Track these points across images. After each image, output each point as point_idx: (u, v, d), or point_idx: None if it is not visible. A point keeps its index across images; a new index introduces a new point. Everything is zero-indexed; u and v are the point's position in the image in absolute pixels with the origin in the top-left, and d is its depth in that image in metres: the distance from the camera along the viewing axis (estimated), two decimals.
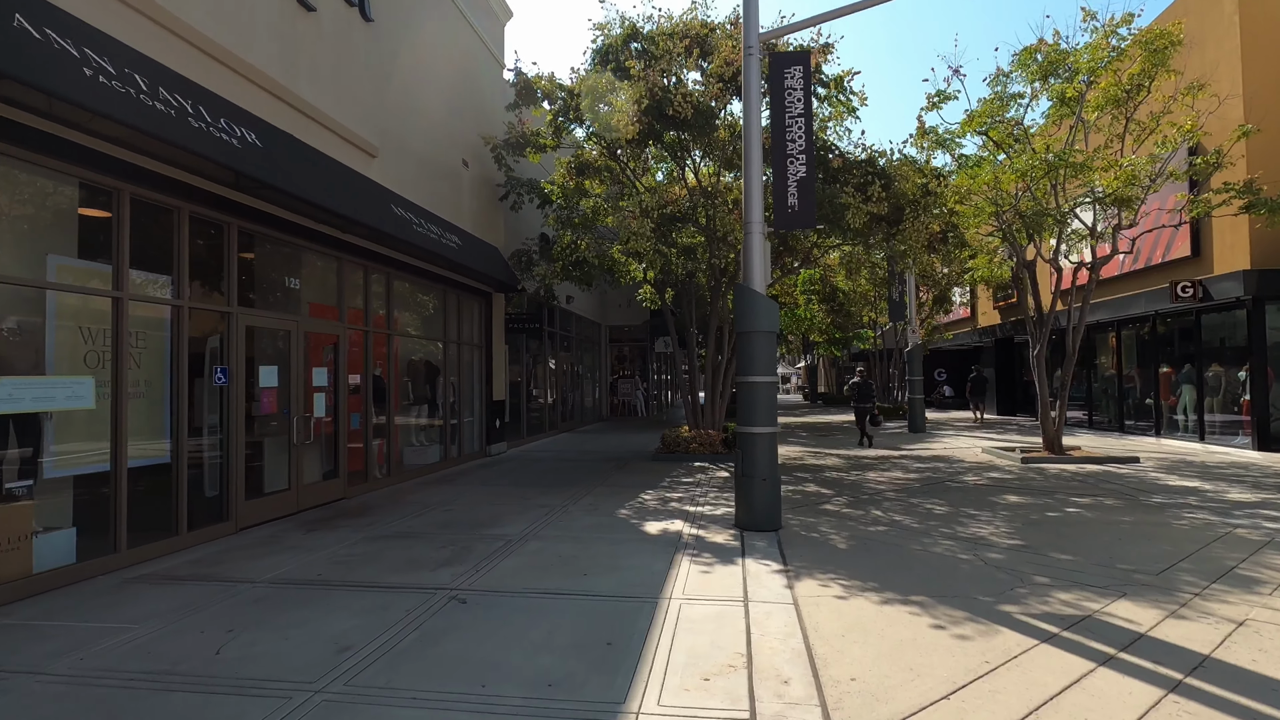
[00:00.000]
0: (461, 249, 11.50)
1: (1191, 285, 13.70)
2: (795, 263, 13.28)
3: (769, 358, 6.94)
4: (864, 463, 12.27)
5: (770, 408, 6.91)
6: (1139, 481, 9.61)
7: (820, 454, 13.79)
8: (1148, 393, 16.42)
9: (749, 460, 6.86)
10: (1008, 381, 24.88)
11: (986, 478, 10.23)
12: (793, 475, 10.72)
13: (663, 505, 8.17)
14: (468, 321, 13.49)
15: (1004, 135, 11.86)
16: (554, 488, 9.56)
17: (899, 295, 18.86)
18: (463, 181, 12.62)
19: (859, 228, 9.26)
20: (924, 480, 10.07)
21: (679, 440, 12.77)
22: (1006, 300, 23.13)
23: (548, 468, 11.83)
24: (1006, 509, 7.80)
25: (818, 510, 7.88)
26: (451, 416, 12.64)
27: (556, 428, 19.14)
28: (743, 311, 6.96)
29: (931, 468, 11.44)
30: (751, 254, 7.03)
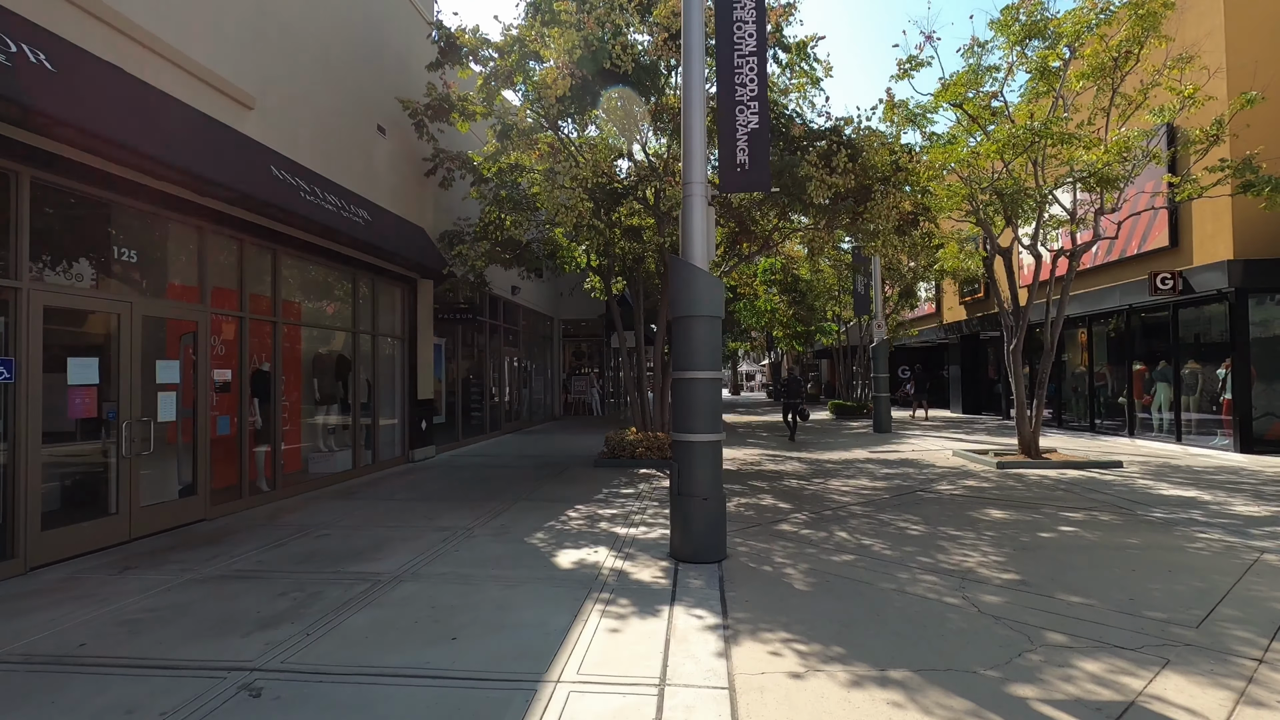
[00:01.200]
0: (372, 227, 9.99)
1: (1171, 277, 12.88)
2: (754, 248, 12.05)
3: (711, 348, 5.65)
4: (827, 468, 11.11)
5: (713, 410, 5.63)
6: (1129, 490, 8.60)
7: (780, 458, 12.62)
8: (1120, 391, 15.67)
9: (686, 475, 5.56)
10: (973, 380, 24.17)
11: (962, 486, 9.14)
12: (747, 485, 9.49)
13: (590, 526, 6.83)
14: (387, 311, 11.95)
15: (980, 109, 10.80)
16: (469, 502, 8.15)
17: (864, 288, 17.85)
18: (378, 151, 11.08)
19: (822, 202, 8.08)
20: (894, 490, 8.93)
21: (624, 444, 11.46)
22: (973, 296, 22.36)
23: (474, 476, 10.40)
24: (991, 527, 6.65)
25: (772, 531, 6.63)
26: (365, 418, 11.11)
27: (500, 429, 17.67)
28: (680, 291, 5.66)
29: (901, 474, 10.33)
30: (691, 221, 5.73)
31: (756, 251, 12.09)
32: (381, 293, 11.63)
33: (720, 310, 5.74)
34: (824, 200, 8.09)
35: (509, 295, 18.16)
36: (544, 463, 11.94)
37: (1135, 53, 9.37)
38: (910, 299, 22.95)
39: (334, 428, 10.82)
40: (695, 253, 5.70)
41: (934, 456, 12.46)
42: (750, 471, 10.82)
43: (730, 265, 12.25)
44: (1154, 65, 9.97)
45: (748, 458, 12.70)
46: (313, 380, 10.60)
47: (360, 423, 10.91)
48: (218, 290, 7.74)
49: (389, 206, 11.20)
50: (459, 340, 15.62)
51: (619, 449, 11.47)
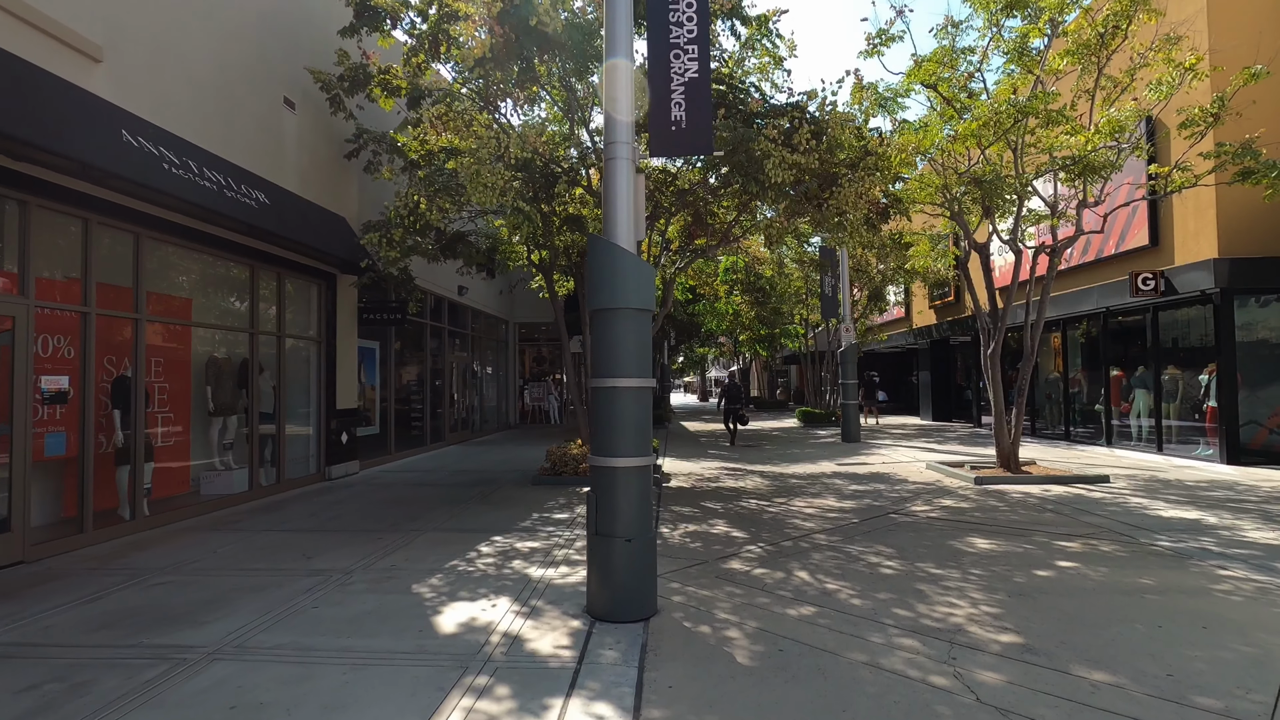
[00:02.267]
0: (272, 211, 8.67)
1: (1153, 277, 12.14)
2: (712, 242, 10.98)
3: (639, 349, 4.50)
4: (791, 484, 10.05)
5: (640, 427, 4.48)
6: (1123, 511, 7.67)
7: (741, 472, 11.53)
8: (1096, 398, 14.95)
9: (606, 509, 4.40)
10: (943, 386, 23.47)
11: (940, 507, 8.13)
12: (700, 507, 8.36)
13: (500, 566, 5.63)
14: (299, 309, 10.60)
15: (955, 92, 9.88)
16: (368, 534, 6.88)
17: (832, 289, 16.95)
18: (285, 128, 9.76)
19: (782, 182, 7.03)
20: (864, 512, 7.88)
21: (567, 459, 10.26)
22: (943, 300, 21.66)
23: (391, 498, 9.10)
24: (978, 562, 5.61)
25: (719, 571, 5.49)
26: (269, 431, 9.75)
27: (444, 439, 16.31)
28: (599, 278, 4.51)
29: (871, 491, 9.30)
30: (615, 190, 4.58)
31: (715, 246, 11.02)
32: (291, 289, 10.27)
33: (651, 302, 4.60)
34: (784, 180, 7.03)
35: (455, 296, 16.86)
36: (478, 479, 10.68)
37: (1124, 28, 8.52)
38: (879, 302, 22.17)
39: (231, 443, 9.44)
40: (619, 230, 4.55)
41: (906, 470, 11.48)
42: (705, 490, 9.70)
43: (685, 261, 11.17)
44: (1142, 43, 9.15)
45: (706, 472, 11.58)
46: (205, 388, 9.23)
47: (261, 437, 9.54)
48: (46, 281, 6.37)
49: (298, 191, 9.88)
50: (397, 343, 14.28)
51: (560, 465, 10.26)
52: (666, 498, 8.98)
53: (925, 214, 11.64)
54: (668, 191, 9.30)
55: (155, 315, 7.70)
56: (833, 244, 11.60)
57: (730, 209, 10.17)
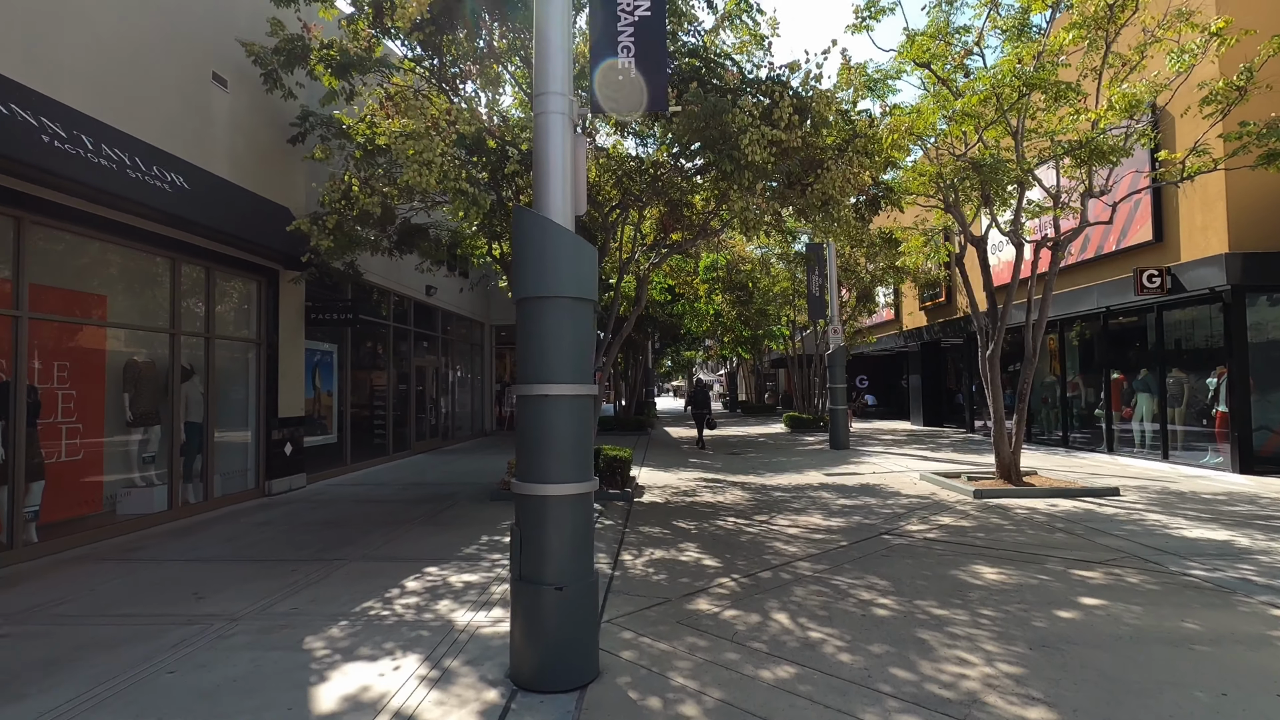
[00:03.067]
0: (189, 197, 7.74)
1: (1159, 274, 11.42)
2: (688, 236, 10.14)
3: (577, 348, 3.63)
4: (774, 498, 9.20)
5: (579, 444, 3.60)
6: (1142, 530, 6.87)
7: (721, 484, 10.67)
8: (1096, 402, 14.23)
9: (534, 549, 3.52)
10: (934, 390, 22.75)
11: (938, 526, 7.30)
12: (671, 526, 7.48)
13: (423, 608, 4.73)
14: (234, 307, 9.66)
15: (950, 72, 9.09)
16: (283, 564, 5.95)
17: (819, 289, 16.17)
18: (215, 106, 8.82)
19: (762, 163, 6.19)
20: (853, 532, 7.04)
21: None
22: (934, 301, 20.95)
23: (327, 518, 8.16)
24: (987, 600, 4.77)
25: (683, 614, 4.62)
26: (197, 441, 8.79)
27: (409, 448, 15.35)
28: (527, 259, 3.63)
29: (861, 506, 8.47)
30: (547, 152, 3.71)
31: (691, 240, 10.18)
32: (223, 285, 9.33)
33: (592, 290, 3.74)
34: (763, 160, 6.18)
35: (423, 296, 15.94)
36: (433, 494, 9.75)
37: None
38: (868, 303, 21.43)
39: (154, 456, 8.48)
40: (552, 200, 3.68)
41: (898, 481, 10.66)
42: (680, 505, 8.82)
43: (660, 256, 10.31)
44: (1153, 17, 8.40)
45: (683, 484, 10.71)
46: (123, 395, 8.28)
47: (188, 449, 8.58)
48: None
49: (229, 176, 8.94)
50: (358, 347, 13.34)
51: None
52: (636, 516, 8.10)
53: (919, 205, 10.86)
54: (638, 178, 8.44)
55: (47, 313, 6.74)
56: (819, 238, 10.76)
57: (708, 198, 9.32)
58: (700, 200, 9.91)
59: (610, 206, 8.75)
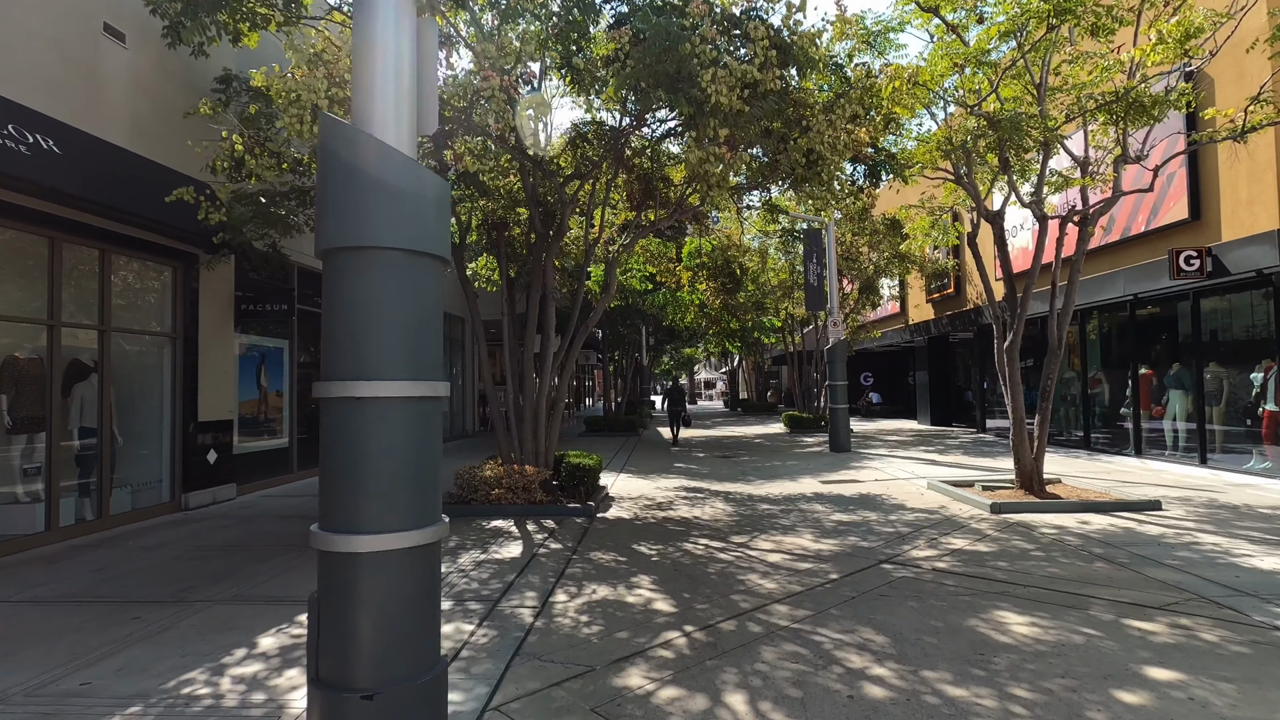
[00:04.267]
0: (63, 164, 6.56)
1: (1198, 255, 10.12)
2: (662, 214, 8.92)
3: (412, 327, 2.42)
4: (759, 512, 7.97)
5: (417, 471, 2.40)
6: (1202, 559, 5.62)
7: (702, 493, 9.44)
8: (1121, 400, 12.94)
9: (335, 636, 2.31)
10: (943, 387, 21.45)
11: (950, 551, 6.06)
12: (629, 551, 6.27)
13: (260, 680, 3.53)
14: (141, 296, 8.50)
15: (964, 19, 7.82)
16: (134, 606, 4.78)
17: (817, 279, 14.93)
18: (108, 64, 7.64)
19: (729, 107, 4.96)
20: (846, 560, 5.81)
21: (478, 482, 8.16)
22: (942, 292, 19.66)
23: (238, 538, 6.99)
24: (1020, 670, 3.54)
25: (602, 695, 3.41)
26: (88, 451, 7.64)
27: None
28: (330, 190, 2.42)
29: (859, 524, 7.23)
30: (369, 37, 2.49)
31: (666, 219, 8.96)
32: (125, 271, 8.17)
33: (439, 242, 2.53)
34: (732, 103, 4.95)
35: None
36: None
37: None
38: (872, 295, 20.15)
39: (39, 467, 7.34)
40: (375, 109, 2.47)
41: (903, 490, 9.41)
42: (649, 522, 7.61)
43: (630, 238, 9.09)
44: None
45: (660, 494, 9.49)
46: (1, 397, 7.14)
47: (84, 459, 7.44)
48: None
49: (129, 145, 7.75)
50: (312, 342, 12.19)
51: (469, 490, 8.16)
52: (593, 537, 6.89)
53: (925, 180, 9.59)
54: (595, 142, 7.22)
55: None
56: (808, 208, 9.49)
57: (686, 164, 8.08)
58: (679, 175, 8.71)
59: (565, 177, 7.53)
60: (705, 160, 5.27)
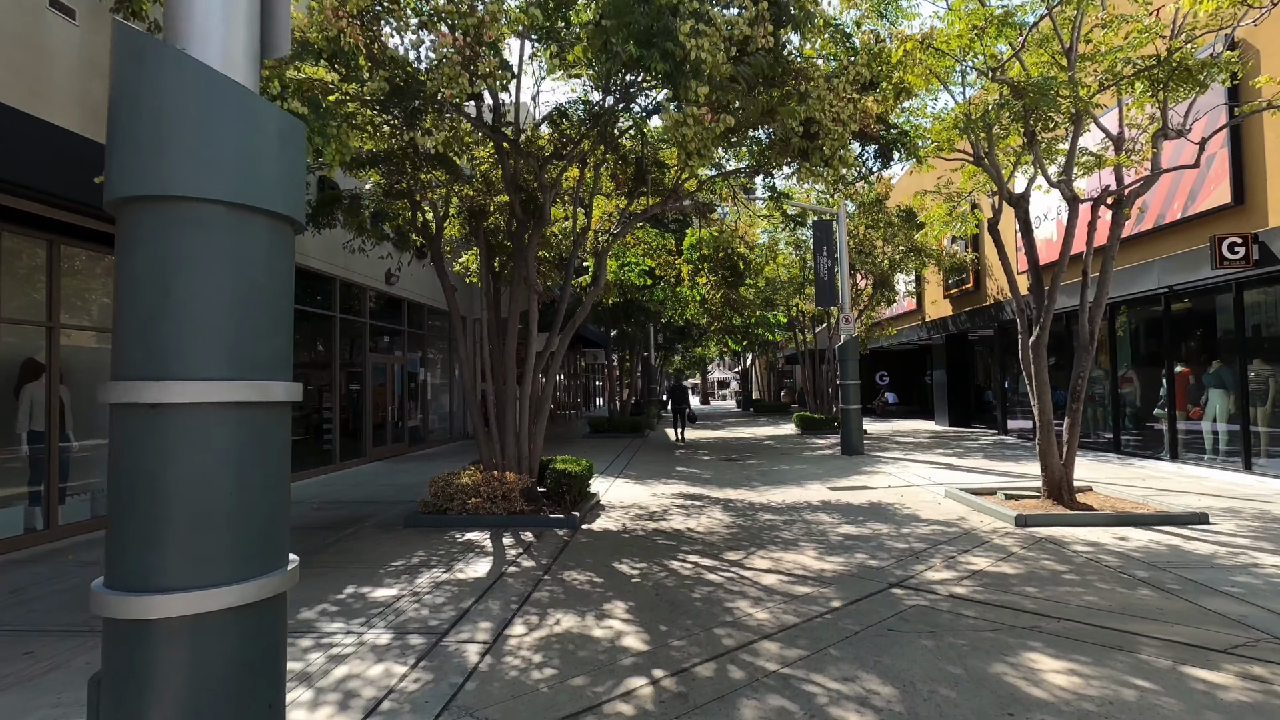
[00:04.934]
0: None
1: (1243, 242, 9.27)
2: (654, 201, 8.26)
3: (244, 309, 1.77)
4: (760, 523, 7.28)
5: (246, 505, 1.75)
6: (1265, 584, 4.86)
7: (700, 501, 8.77)
8: (1154, 400, 12.08)
9: None
10: (961, 386, 20.59)
11: (970, 574, 5.34)
12: (609, 569, 5.62)
13: None
14: (100, 291, 7.98)
15: None
16: (39, 635, 4.20)
17: (828, 272, 14.18)
18: (54, 43, 7.12)
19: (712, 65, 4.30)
20: (851, 585, 5.11)
21: (454, 490, 7.55)
22: (960, 288, 18.81)
23: None
24: None
25: None
26: (32, 453, 7.13)
27: (364, 454, 13.67)
28: (120, 117, 1.78)
29: (868, 538, 6.52)
30: None
31: (657, 206, 8.30)
32: (76, 263, 7.66)
33: (287, 200, 1.88)
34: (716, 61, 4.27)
35: (383, 285, 14.26)
36: (344, 517, 8.00)
37: None
38: (887, 291, 19.33)
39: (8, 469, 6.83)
40: (190, 18, 1.83)
41: (918, 499, 8.68)
42: (636, 535, 6.95)
43: (620, 227, 8.45)
44: None
45: (655, 501, 8.83)
46: None
47: (33, 464, 6.92)
48: None
49: (80, 129, 7.22)
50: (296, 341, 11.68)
51: (445, 498, 7.55)
52: (572, 552, 6.25)
53: (942, 164, 8.84)
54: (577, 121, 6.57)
55: None
56: (806, 179, 8.73)
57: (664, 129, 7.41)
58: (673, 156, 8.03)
59: (544, 158, 6.89)
60: (681, 124, 4.60)
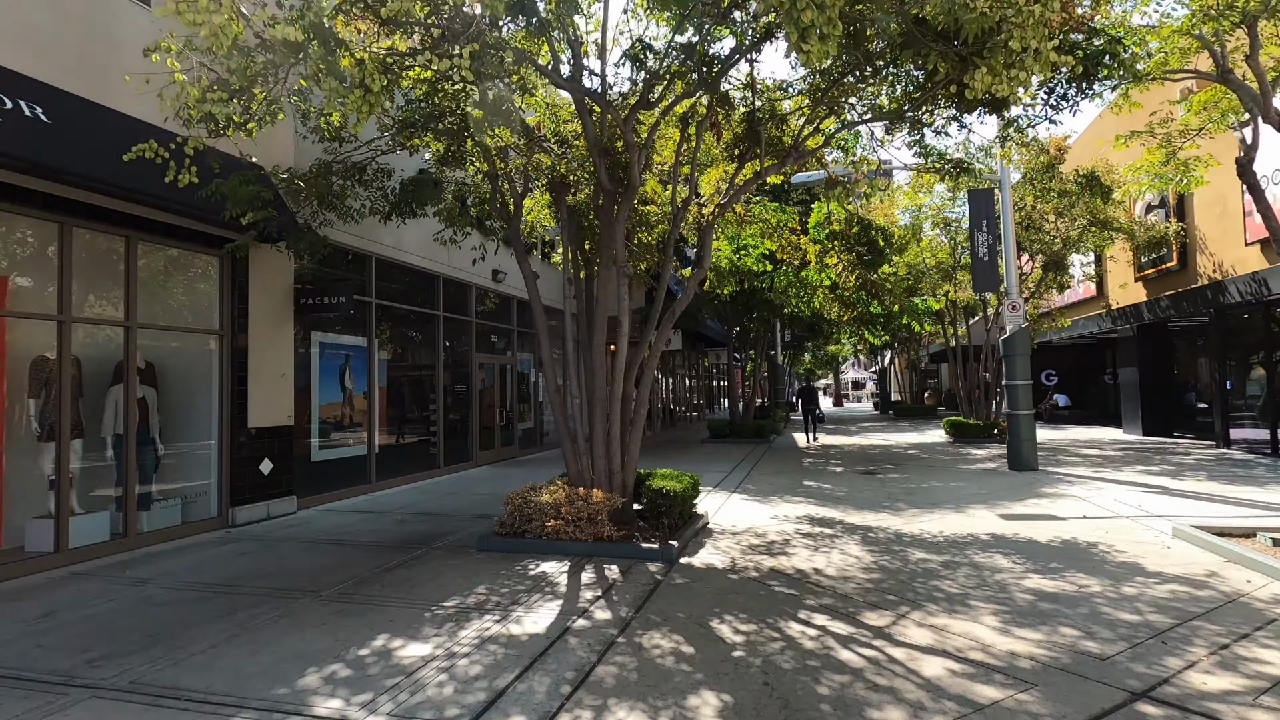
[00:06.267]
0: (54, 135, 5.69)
1: None
2: (770, 164, 6.74)
3: None
4: (911, 567, 5.57)
5: None
6: None
7: (832, 527, 7.11)
8: None
9: None
10: (1160, 387, 17.01)
11: (1265, 681, 3.40)
12: (704, 634, 4.21)
13: None
14: (179, 289, 7.71)
15: None
16: (35, 687, 3.52)
17: (986, 250, 11.81)
18: (125, 29, 6.82)
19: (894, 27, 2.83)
20: (1064, 689, 3.38)
21: (532, 510, 6.45)
22: (1159, 267, 15.47)
23: (238, 574, 5.80)
24: None
25: None
26: (120, 459, 6.88)
27: (470, 458, 13.17)
28: None
29: (1074, 600, 4.65)
30: None
31: (774, 167, 6.78)
32: (156, 260, 7.39)
33: None
34: None
35: (489, 283, 13.73)
36: (420, 534, 7.18)
37: None
38: (1059, 274, 16.29)
39: (70, 477, 6.64)
40: None
41: (1132, 537, 6.49)
42: (747, 575, 5.48)
43: (727, 196, 7.00)
44: None
45: (775, 527, 7.28)
46: (29, 401, 6.53)
47: (87, 469, 6.66)
48: None
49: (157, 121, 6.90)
50: (399, 341, 11.40)
51: (521, 519, 6.47)
52: (659, 601, 4.91)
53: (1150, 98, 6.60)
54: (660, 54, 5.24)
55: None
56: (980, 85, 6.77)
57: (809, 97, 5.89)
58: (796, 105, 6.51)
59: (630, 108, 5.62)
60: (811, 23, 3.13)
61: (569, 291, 7.19)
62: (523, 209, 7.26)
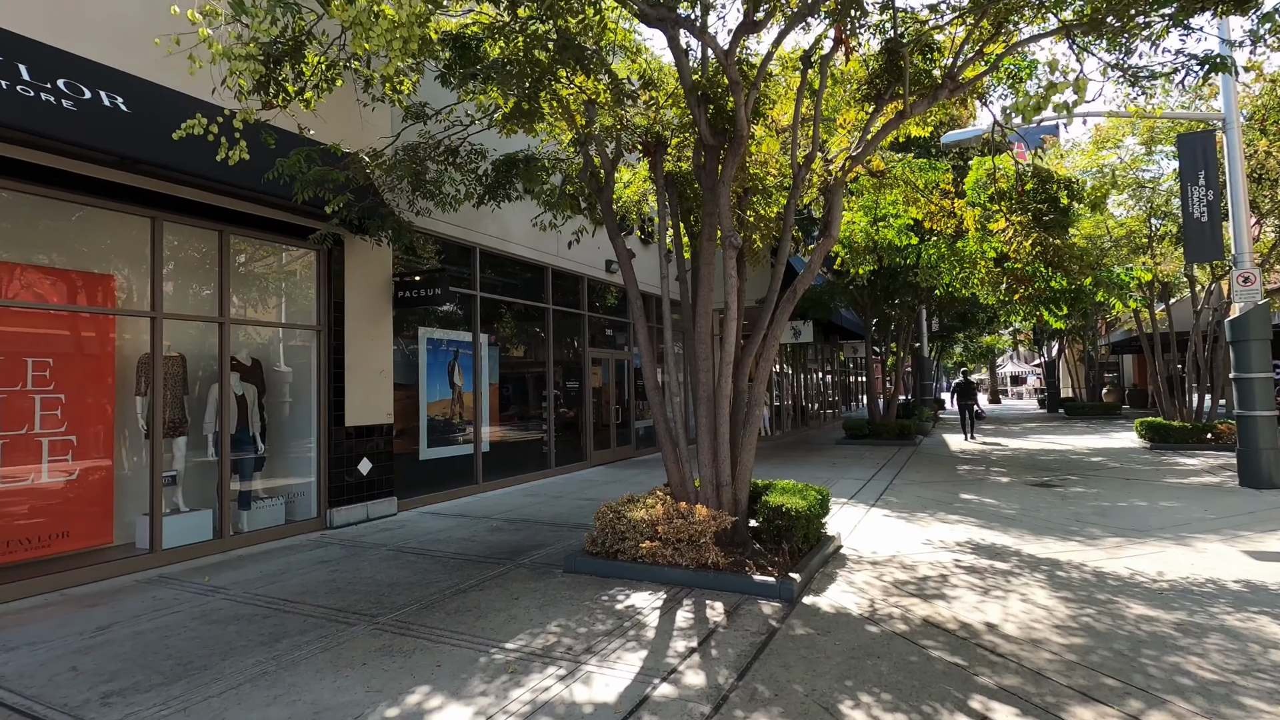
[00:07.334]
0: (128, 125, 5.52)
1: None
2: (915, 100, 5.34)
3: None
4: (1124, 626, 4.02)
5: None
6: None
7: (1003, 559, 5.55)
8: None
9: None
10: None
11: None
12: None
13: None
14: (273, 284, 7.55)
15: None
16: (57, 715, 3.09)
17: (1205, 210, 9.31)
18: None
19: None
20: None
21: (624, 528, 5.50)
22: None
23: (306, 586, 5.35)
24: None
25: None
26: (214, 458, 6.77)
27: (584, 458, 12.56)
28: None
29: None
30: None
31: (921, 103, 5.35)
32: (251, 253, 7.23)
33: None
34: None
35: (603, 274, 13.07)
36: (511, 546, 6.49)
37: None
38: None
39: (173, 475, 6.63)
40: None
41: None
42: (891, 628, 4.18)
43: (858, 149, 5.63)
44: None
45: (926, 556, 5.83)
46: (136, 399, 6.56)
47: (210, 469, 6.56)
48: None
49: None
50: (507, 336, 11.04)
51: (614, 537, 5.54)
52: (776, 656, 3.76)
53: None
54: None
55: None
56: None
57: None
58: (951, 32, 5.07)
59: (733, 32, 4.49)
60: None
61: (666, 271, 6.16)
62: (614, 179, 6.33)
